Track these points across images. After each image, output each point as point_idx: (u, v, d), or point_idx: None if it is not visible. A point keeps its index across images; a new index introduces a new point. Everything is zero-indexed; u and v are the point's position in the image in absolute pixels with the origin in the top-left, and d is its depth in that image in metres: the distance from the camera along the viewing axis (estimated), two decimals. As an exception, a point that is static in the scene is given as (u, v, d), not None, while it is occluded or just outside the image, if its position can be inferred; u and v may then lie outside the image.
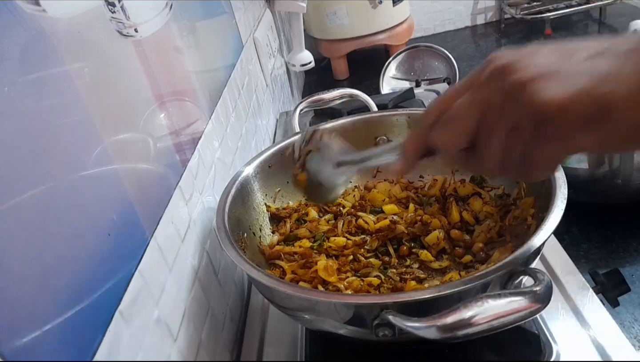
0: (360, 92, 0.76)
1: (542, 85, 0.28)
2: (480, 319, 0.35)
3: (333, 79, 1.63)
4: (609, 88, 0.27)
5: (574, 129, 0.28)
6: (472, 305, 0.35)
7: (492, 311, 0.35)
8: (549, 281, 0.37)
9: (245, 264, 0.46)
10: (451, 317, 0.35)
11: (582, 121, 0.28)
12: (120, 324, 0.36)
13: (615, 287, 0.57)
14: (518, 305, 0.36)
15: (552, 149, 0.30)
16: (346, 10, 1.50)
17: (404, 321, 0.37)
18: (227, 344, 0.57)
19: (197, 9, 0.71)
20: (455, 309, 0.35)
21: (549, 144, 0.29)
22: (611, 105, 0.27)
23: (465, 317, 0.35)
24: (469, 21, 2.00)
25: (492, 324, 0.35)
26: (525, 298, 0.36)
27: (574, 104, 0.28)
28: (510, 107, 0.30)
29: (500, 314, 0.35)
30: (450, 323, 0.35)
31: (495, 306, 0.35)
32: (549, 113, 0.28)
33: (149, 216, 0.44)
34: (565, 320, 0.51)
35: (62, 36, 0.36)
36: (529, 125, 0.29)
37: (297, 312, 0.48)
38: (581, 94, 0.27)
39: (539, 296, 0.36)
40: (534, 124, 0.29)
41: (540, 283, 0.37)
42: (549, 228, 0.43)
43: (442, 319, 0.35)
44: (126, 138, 0.44)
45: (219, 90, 0.73)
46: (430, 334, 0.36)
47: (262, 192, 0.63)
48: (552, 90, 0.28)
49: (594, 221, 0.74)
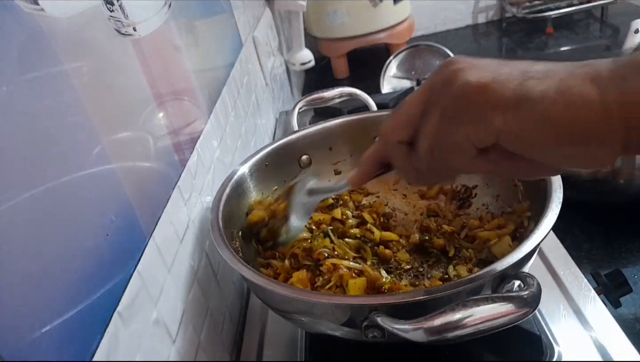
0: (359, 91, 0.76)
1: (470, 72, 0.31)
2: (468, 322, 0.35)
3: (333, 78, 1.63)
4: (530, 83, 0.30)
5: (488, 109, 0.30)
6: (460, 308, 0.35)
7: (479, 314, 0.35)
8: (538, 286, 0.37)
9: (239, 264, 0.46)
10: (439, 320, 0.35)
11: (496, 103, 0.30)
12: (119, 325, 0.36)
13: (617, 288, 0.57)
14: (505, 309, 0.36)
15: (466, 128, 0.31)
16: (346, 8, 1.50)
17: (392, 323, 0.37)
18: (226, 345, 0.57)
19: (196, 7, 0.71)
20: (443, 312, 0.35)
21: (465, 122, 0.31)
22: (525, 96, 0.29)
23: (453, 320, 0.35)
24: (470, 20, 2.00)
25: (479, 328, 0.35)
26: (513, 302, 0.36)
27: (493, 85, 0.30)
28: (443, 90, 0.33)
29: (488, 317, 0.35)
30: (438, 326, 0.35)
31: (483, 309, 0.35)
32: (469, 90, 0.31)
33: (148, 216, 0.44)
34: (567, 321, 0.51)
35: (60, 35, 0.36)
36: (454, 104, 0.32)
37: (291, 314, 0.47)
38: (502, 81, 0.30)
39: (527, 300, 0.36)
40: (457, 103, 0.32)
41: (529, 288, 0.37)
42: (542, 232, 0.42)
43: (430, 321, 0.35)
44: (125, 137, 0.43)
45: (218, 90, 0.73)
46: (417, 336, 0.36)
47: (258, 191, 0.62)
48: (476, 75, 0.31)
49: (596, 222, 0.74)
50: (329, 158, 0.69)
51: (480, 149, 0.32)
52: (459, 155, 0.33)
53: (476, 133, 0.31)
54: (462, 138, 0.32)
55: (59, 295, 0.31)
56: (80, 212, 0.34)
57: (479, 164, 0.33)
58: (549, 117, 0.29)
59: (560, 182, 0.47)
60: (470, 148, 0.32)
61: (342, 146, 0.69)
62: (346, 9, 1.50)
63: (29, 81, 0.32)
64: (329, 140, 0.68)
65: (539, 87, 0.29)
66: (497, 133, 0.31)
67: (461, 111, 0.32)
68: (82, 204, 0.35)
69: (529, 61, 0.32)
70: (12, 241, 0.28)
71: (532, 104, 0.29)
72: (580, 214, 0.72)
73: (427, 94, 0.34)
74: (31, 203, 0.30)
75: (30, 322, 0.28)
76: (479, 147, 0.32)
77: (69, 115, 0.35)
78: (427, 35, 1.95)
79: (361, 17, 1.52)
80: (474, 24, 2.00)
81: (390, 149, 0.37)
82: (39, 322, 0.29)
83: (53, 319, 0.30)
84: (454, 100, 0.32)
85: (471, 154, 0.32)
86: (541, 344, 0.49)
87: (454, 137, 0.32)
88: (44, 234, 0.30)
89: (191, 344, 0.48)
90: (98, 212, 0.37)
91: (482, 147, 0.32)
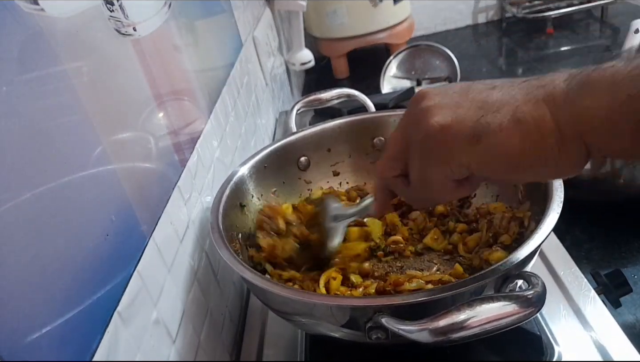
0: (357, 92, 0.76)
1: (435, 111, 0.34)
2: (473, 323, 0.35)
3: (333, 78, 1.62)
4: (487, 118, 0.32)
5: (453, 148, 0.34)
6: (465, 308, 0.35)
7: (485, 314, 0.35)
8: (543, 285, 0.37)
9: (238, 265, 0.45)
10: (444, 321, 0.35)
11: (459, 141, 0.33)
12: (119, 325, 0.36)
13: (617, 288, 0.56)
14: (511, 309, 0.35)
15: (438, 167, 0.35)
16: (346, 8, 1.50)
17: (397, 324, 0.37)
18: (226, 346, 0.57)
19: (196, 7, 0.71)
20: (448, 313, 0.35)
21: (436, 162, 0.35)
22: (483, 131, 0.32)
23: (458, 321, 0.35)
24: (470, 20, 2.00)
25: (484, 328, 0.35)
26: (518, 302, 0.36)
27: (454, 126, 0.33)
28: (414, 131, 0.36)
29: (493, 317, 0.35)
30: (443, 326, 0.35)
31: (488, 309, 0.35)
32: (433, 132, 0.34)
33: (148, 216, 0.44)
34: (567, 321, 0.51)
35: (60, 35, 0.36)
36: (423, 146, 0.35)
37: (291, 315, 0.47)
38: (462, 120, 0.33)
39: (532, 300, 0.36)
40: (425, 145, 0.35)
41: (534, 287, 0.37)
42: (544, 232, 0.42)
43: (435, 322, 0.35)
44: (125, 137, 0.43)
45: (218, 90, 0.73)
46: (422, 337, 0.36)
47: (257, 193, 0.62)
48: (440, 116, 0.34)
49: (596, 222, 0.74)
50: (327, 159, 0.69)
51: (458, 180, 0.36)
52: (442, 188, 0.36)
53: (450, 170, 0.35)
54: (439, 175, 0.36)
55: (59, 295, 0.31)
56: (80, 213, 0.34)
57: (462, 190, 0.37)
58: (507, 148, 0.32)
59: (561, 182, 0.47)
60: (449, 182, 0.36)
61: (341, 147, 0.69)
62: (346, 9, 1.50)
63: (29, 81, 0.32)
64: (328, 141, 0.68)
65: (496, 120, 0.32)
66: (466, 166, 0.34)
67: (431, 153, 0.35)
68: (82, 205, 0.35)
69: (489, 85, 0.34)
70: (12, 241, 0.28)
71: (490, 138, 0.32)
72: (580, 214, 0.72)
73: (404, 132, 0.37)
74: (31, 203, 0.30)
75: (30, 322, 0.28)
76: (456, 179, 0.36)
77: (69, 115, 0.35)
78: (427, 35, 1.95)
79: (361, 17, 1.52)
80: (474, 24, 2.00)
81: (389, 183, 0.41)
82: (39, 322, 0.29)
83: (53, 319, 0.30)
84: (422, 143, 0.35)
85: (452, 186, 0.36)
86: (541, 344, 0.48)
87: (433, 175, 0.36)
88: (44, 234, 0.30)
89: (191, 344, 0.48)
90: (98, 212, 0.37)
91: (459, 178, 0.35)
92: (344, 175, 0.69)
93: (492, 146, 0.32)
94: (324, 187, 0.68)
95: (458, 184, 0.36)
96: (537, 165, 0.32)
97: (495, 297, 0.36)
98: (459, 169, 0.34)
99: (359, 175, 0.69)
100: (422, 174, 0.36)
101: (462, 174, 0.35)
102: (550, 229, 0.43)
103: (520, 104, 0.32)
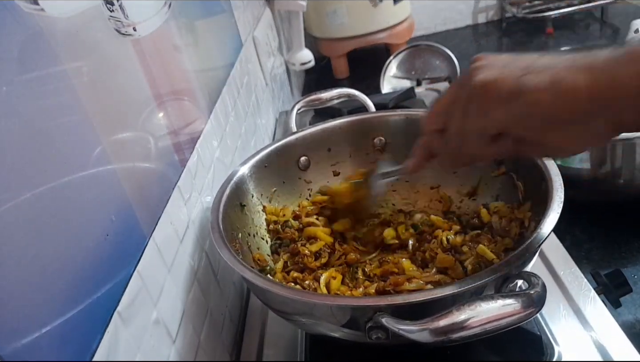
0: (357, 92, 0.76)
1: (481, 72, 0.37)
2: (473, 323, 0.35)
3: (333, 78, 1.62)
4: (527, 77, 0.34)
5: (492, 103, 0.36)
6: (465, 308, 0.35)
7: (485, 314, 0.35)
8: (543, 285, 0.37)
9: (239, 265, 0.45)
10: (444, 321, 0.35)
11: (498, 98, 0.35)
12: (119, 325, 0.36)
13: (617, 288, 0.56)
14: (512, 309, 0.35)
15: (475, 119, 0.37)
16: (346, 8, 1.50)
17: (397, 324, 0.37)
18: (226, 346, 0.57)
19: (196, 7, 0.71)
20: (449, 313, 0.35)
21: (474, 114, 0.37)
22: (522, 88, 0.34)
23: (459, 321, 0.35)
24: (470, 20, 1.99)
25: (485, 328, 0.35)
26: (519, 302, 0.36)
27: (497, 82, 0.35)
28: (463, 88, 0.38)
29: (494, 317, 0.35)
30: (443, 326, 0.35)
31: (488, 309, 0.35)
32: (478, 88, 0.36)
33: (148, 216, 0.44)
34: (567, 321, 0.51)
35: (60, 35, 0.36)
36: (467, 101, 0.38)
37: (291, 315, 0.47)
38: (505, 78, 0.35)
39: (533, 300, 0.36)
40: (470, 99, 0.37)
41: (534, 287, 0.37)
42: (544, 232, 0.42)
43: (435, 322, 0.35)
44: (125, 137, 0.43)
45: (218, 90, 0.73)
46: (423, 337, 0.36)
47: (257, 192, 0.62)
48: (486, 74, 0.36)
49: (596, 222, 0.74)
50: (327, 159, 0.69)
51: (493, 136, 0.38)
52: (476, 142, 0.39)
53: (486, 123, 0.37)
54: (475, 127, 0.38)
55: (59, 295, 0.31)
56: (80, 213, 0.34)
57: (495, 148, 0.39)
58: (538, 105, 0.34)
59: (561, 182, 0.47)
60: (484, 136, 0.38)
61: (341, 147, 0.69)
62: (346, 9, 1.50)
63: (29, 81, 0.32)
64: (328, 141, 0.68)
65: (534, 81, 0.34)
66: (500, 122, 0.36)
67: (472, 106, 0.37)
68: (82, 205, 0.35)
69: (538, 55, 0.36)
70: (12, 241, 0.28)
71: (525, 96, 0.34)
72: (580, 214, 0.72)
73: (453, 88, 0.40)
74: (31, 203, 0.30)
75: (30, 322, 0.28)
76: (490, 134, 0.37)
77: (69, 115, 0.35)
78: (427, 35, 1.95)
79: (361, 17, 1.52)
80: (474, 24, 2.00)
81: (428, 136, 0.43)
82: (39, 322, 0.29)
83: (53, 319, 0.30)
84: (467, 98, 0.38)
85: (486, 141, 0.38)
86: (541, 344, 0.48)
87: (470, 125, 0.38)
88: (44, 234, 0.30)
89: (191, 344, 0.48)
90: (98, 212, 0.37)
91: (493, 133, 0.37)
92: (345, 175, 0.69)
93: (527, 104, 0.34)
94: (324, 187, 0.68)
95: (492, 140, 0.38)
96: (567, 123, 0.34)
97: (496, 297, 0.36)
98: (495, 124, 0.36)
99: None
100: (460, 126, 0.39)
101: (495, 130, 0.37)
102: (551, 229, 0.43)
103: (560, 69, 0.33)
